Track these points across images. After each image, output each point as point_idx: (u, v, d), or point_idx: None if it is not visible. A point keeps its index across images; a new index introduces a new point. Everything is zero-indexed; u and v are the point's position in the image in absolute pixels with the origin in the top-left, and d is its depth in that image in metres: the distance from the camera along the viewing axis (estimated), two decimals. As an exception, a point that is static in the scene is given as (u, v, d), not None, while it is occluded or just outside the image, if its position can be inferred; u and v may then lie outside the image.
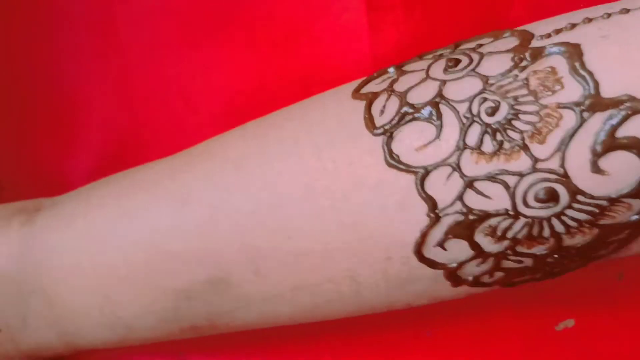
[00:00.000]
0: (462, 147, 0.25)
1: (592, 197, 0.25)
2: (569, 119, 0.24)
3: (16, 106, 0.38)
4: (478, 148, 0.25)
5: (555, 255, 0.26)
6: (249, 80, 0.35)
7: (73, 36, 0.36)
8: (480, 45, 0.27)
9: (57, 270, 0.30)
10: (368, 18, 0.33)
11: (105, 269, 0.30)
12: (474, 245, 0.26)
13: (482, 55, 0.27)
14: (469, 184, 0.25)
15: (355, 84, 0.29)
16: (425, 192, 0.26)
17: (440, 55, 0.28)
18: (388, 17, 0.33)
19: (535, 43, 0.26)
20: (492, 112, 0.25)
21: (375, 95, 0.27)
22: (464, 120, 0.25)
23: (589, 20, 0.26)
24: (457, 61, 0.27)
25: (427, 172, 0.26)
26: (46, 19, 0.35)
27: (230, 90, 0.35)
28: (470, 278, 0.27)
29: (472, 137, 0.25)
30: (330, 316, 0.30)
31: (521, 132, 0.25)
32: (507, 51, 0.26)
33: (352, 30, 0.34)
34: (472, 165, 0.25)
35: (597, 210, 0.25)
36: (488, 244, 0.26)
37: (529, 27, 0.27)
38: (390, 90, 0.27)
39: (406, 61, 0.29)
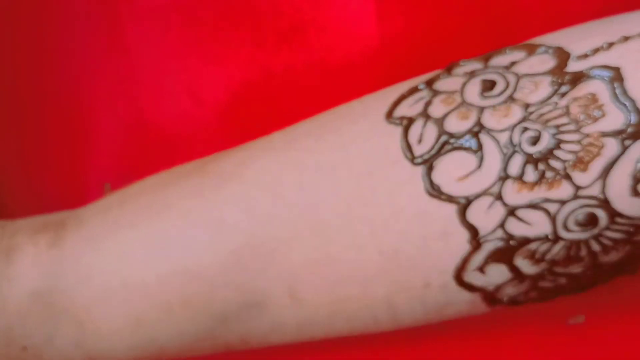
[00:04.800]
0: (503, 177, 0.25)
1: (630, 218, 0.25)
2: (611, 147, 0.24)
3: (22, 108, 0.37)
4: (520, 178, 0.25)
5: (589, 273, 0.27)
6: (255, 72, 0.34)
7: (78, 35, 0.34)
8: (514, 63, 0.27)
9: (89, 294, 0.30)
10: (375, 6, 0.33)
11: (138, 293, 0.29)
12: (513, 269, 0.26)
13: (518, 78, 0.26)
14: (511, 212, 0.25)
15: (383, 98, 0.28)
16: (466, 221, 0.26)
17: (473, 73, 0.27)
18: (396, 4, 0.32)
19: (573, 65, 0.26)
20: (534, 141, 0.25)
21: (410, 120, 0.27)
22: (505, 151, 0.25)
23: (626, 39, 0.25)
24: (493, 83, 0.26)
25: (468, 201, 0.26)
26: (50, 18, 0.34)
27: (236, 84, 0.34)
28: (506, 299, 0.28)
29: (514, 167, 0.25)
30: (364, 334, 0.30)
31: (563, 161, 0.25)
32: (545, 74, 0.26)
33: (359, 19, 0.33)
34: (514, 195, 0.25)
35: (632, 230, 0.26)
36: (526, 267, 0.26)
37: (562, 40, 0.27)
38: (425, 115, 0.27)
39: (435, 75, 0.28)
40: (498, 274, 0.27)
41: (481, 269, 0.26)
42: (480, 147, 0.25)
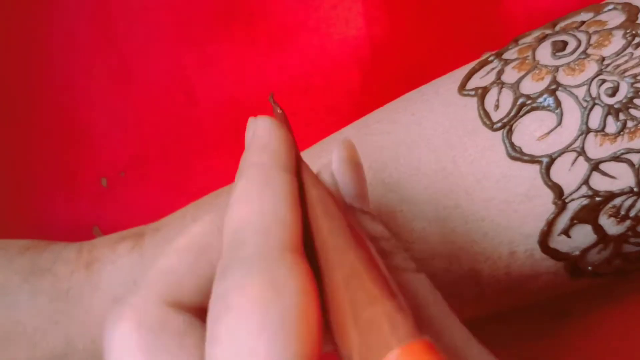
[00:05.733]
0: (585, 131, 0.25)
1: None
2: None
3: (17, 105, 0.37)
4: (602, 130, 0.25)
5: None
6: (248, 73, 0.35)
7: (71, 34, 0.35)
8: (583, 22, 0.27)
9: None
10: (363, 7, 0.33)
11: None
12: (598, 229, 0.26)
13: (589, 35, 0.26)
14: (595, 166, 0.25)
15: (452, 77, 0.29)
16: (551, 180, 0.26)
17: (542, 38, 0.27)
18: (382, 6, 0.33)
19: (643, 17, 0.26)
20: (613, 92, 0.25)
21: (485, 90, 0.27)
22: (584, 104, 0.25)
23: None
24: (564, 43, 0.26)
25: (551, 160, 0.26)
26: (42, 16, 0.35)
27: (231, 84, 0.35)
28: (590, 268, 0.27)
29: (595, 120, 0.25)
30: None
31: None
32: (616, 28, 0.26)
33: (348, 20, 0.34)
34: (596, 148, 0.25)
35: None
36: (611, 226, 0.26)
37: None
38: (499, 82, 0.27)
39: (503, 48, 0.28)
40: (583, 236, 0.26)
41: (566, 232, 0.26)
42: (558, 104, 0.25)
